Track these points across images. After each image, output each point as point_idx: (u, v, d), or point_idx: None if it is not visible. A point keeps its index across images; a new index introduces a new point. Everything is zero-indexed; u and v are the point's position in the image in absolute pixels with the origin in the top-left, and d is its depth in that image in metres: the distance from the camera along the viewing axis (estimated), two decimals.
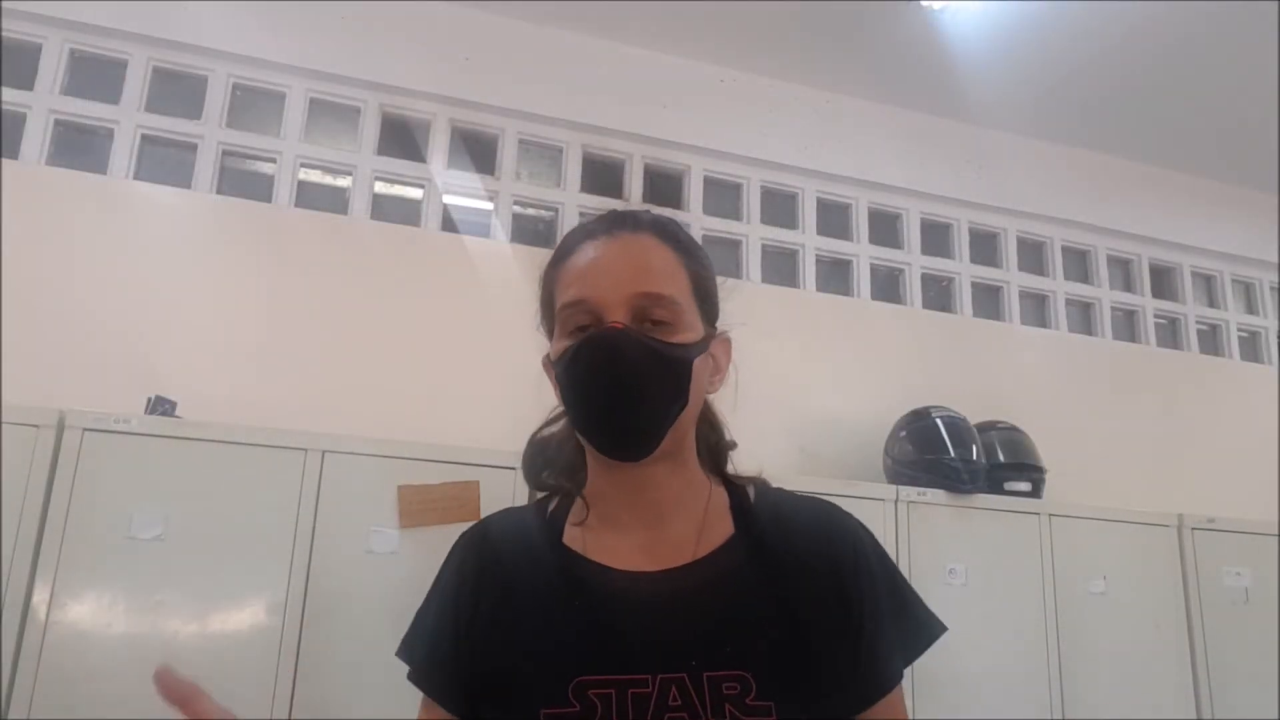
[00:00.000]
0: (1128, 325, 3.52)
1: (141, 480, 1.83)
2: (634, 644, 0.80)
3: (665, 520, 0.87)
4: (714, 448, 0.94)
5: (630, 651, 0.79)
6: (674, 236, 0.89)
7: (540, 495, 0.97)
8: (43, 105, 2.47)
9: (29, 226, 2.29)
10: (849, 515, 0.92)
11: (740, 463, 0.97)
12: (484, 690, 0.83)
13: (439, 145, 2.79)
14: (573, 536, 0.88)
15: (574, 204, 2.89)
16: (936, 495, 2.39)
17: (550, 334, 0.91)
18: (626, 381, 0.81)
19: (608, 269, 0.84)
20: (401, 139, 2.78)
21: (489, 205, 2.82)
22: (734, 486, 0.93)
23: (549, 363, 0.91)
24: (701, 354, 0.86)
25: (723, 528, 0.88)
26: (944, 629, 0.87)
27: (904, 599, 0.88)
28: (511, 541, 0.90)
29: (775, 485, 0.95)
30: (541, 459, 0.97)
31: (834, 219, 3.20)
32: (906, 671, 0.85)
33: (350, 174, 2.71)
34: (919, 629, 0.87)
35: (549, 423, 0.98)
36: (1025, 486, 2.57)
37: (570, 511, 0.90)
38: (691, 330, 0.85)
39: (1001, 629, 2.32)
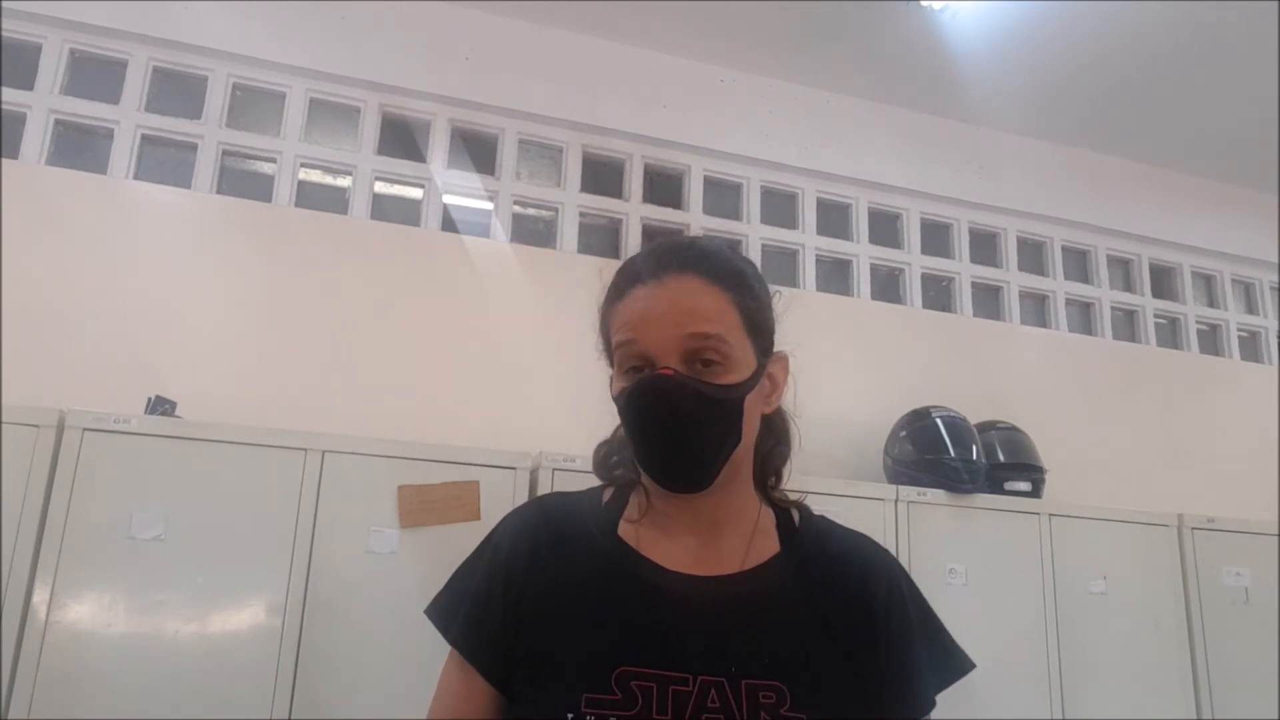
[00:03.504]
0: (1128, 325, 3.52)
1: (141, 480, 1.83)
2: (679, 642, 0.82)
3: (717, 531, 0.90)
4: (768, 455, 0.96)
5: (675, 649, 0.81)
6: (720, 272, 0.88)
7: (597, 486, 0.98)
8: (43, 105, 2.47)
9: (29, 226, 2.29)
10: (888, 551, 0.96)
11: None
12: (527, 669, 0.84)
13: (439, 145, 2.79)
14: (626, 530, 0.90)
15: (574, 204, 2.89)
16: (936, 495, 2.39)
17: (610, 365, 0.93)
18: (678, 426, 0.84)
19: (655, 314, 0.85)
20: (401, 139, 2.78)
21: (489, 205, 2.82)
22: (780, 507, 0.95)
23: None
24: (754, 388, 0.87)
25: (769, 544, 0.91)
26: (972, 665, 0.92)
27: (937, 632, 0.93)
28: (567, 525, 0.92)
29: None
30: (607, 449, 0.98)
31: (834, 219, 3.20)
32: None
33: (350, 174, 2.71)
34: (950, 662, 0.92)
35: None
36: (1025, 486, 2.57)
37: (627, 506, 0.92)
38: (743, 366, 0.87)
39: (1001, 629, 2.32)
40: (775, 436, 0.97)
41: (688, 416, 0.83)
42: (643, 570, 0.86)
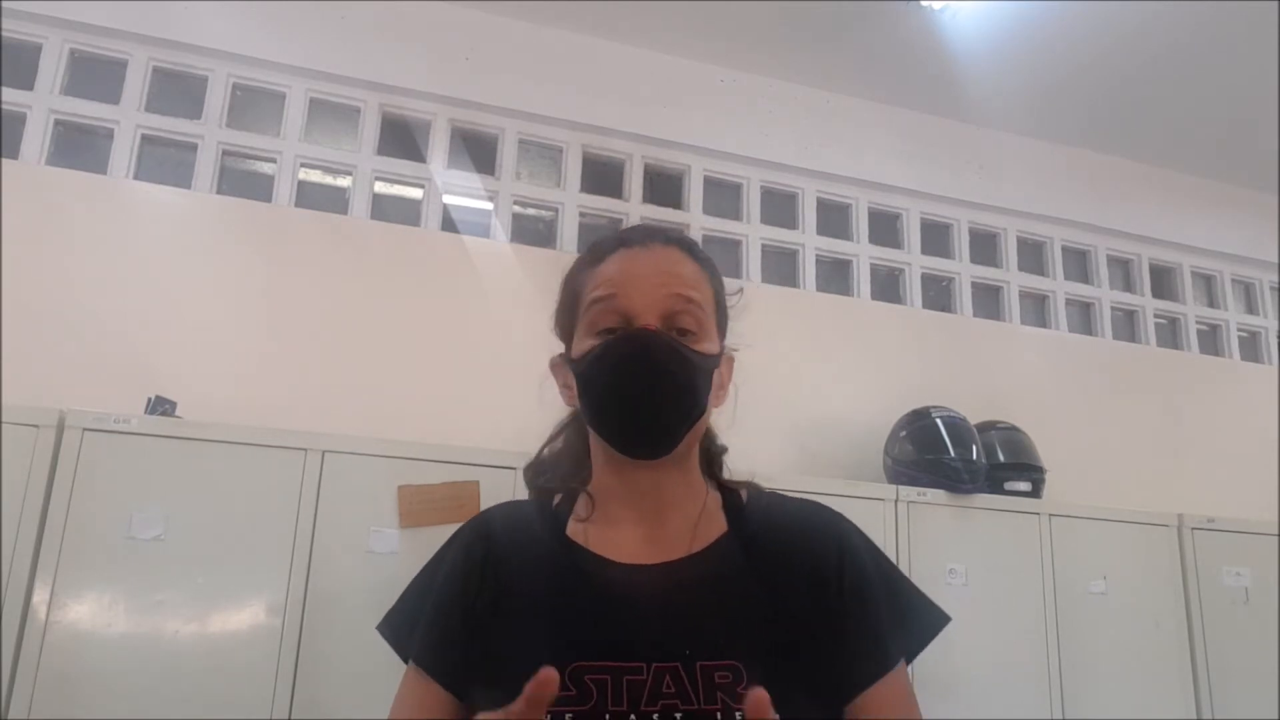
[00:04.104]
0: (1128, 325, 3.52)
1: (141, 480, 1.83)
2: (630, 633, 0.82)
3: (664, 517, 0.89)
4: (707, 452, 0.97)
5: (627, 640, 0.82)
6: (700, 254, 0.93)
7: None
8: (43, 105, 2.47)
9: (29, 226, 2.29)
10: (838, 514, 0.94)
11: (739, 463, 0.99)
12: (482, 673, 0.84)
13: (439, 145, 2.79)
14: (575, 530, 0.91)
15: (574, 204, 2.89)
16: (936, 495, 2.39)
17: (566, 336, 0.93)
18: (655, 381, 0.84)
19: (641, 274, 0.87)
20: (401, 139, 2.78)
21: (489, 205, 2.82)
22: (727, 489, 0.95)
23: (560, 364, 0.93)
24: (718, 366, 0.90)
25: (716, 526, 0.90)
26: (947, 619, 0.89)
27: (899, 589, 0.90)
28: (517, 531, 0.93)
29: (770, 487, 0.97)
30: (535, 470, 1.02)
31: (834, 219, 3.20)
32: (908, 670, 0.87)
33: (350, 174, 2.71)
34: (919, 618, 0.89)
35: (549, 441, 1.01)
36: (1025, 486, 2.57)
37: (574, 507, 0.93)
38: (712, 342, 0.89)
39: (1001, 629, 2.32)
40: (708, 438, 0.97)
41: (666, 373, 0.83)
42: (591, 565, 0.87)
